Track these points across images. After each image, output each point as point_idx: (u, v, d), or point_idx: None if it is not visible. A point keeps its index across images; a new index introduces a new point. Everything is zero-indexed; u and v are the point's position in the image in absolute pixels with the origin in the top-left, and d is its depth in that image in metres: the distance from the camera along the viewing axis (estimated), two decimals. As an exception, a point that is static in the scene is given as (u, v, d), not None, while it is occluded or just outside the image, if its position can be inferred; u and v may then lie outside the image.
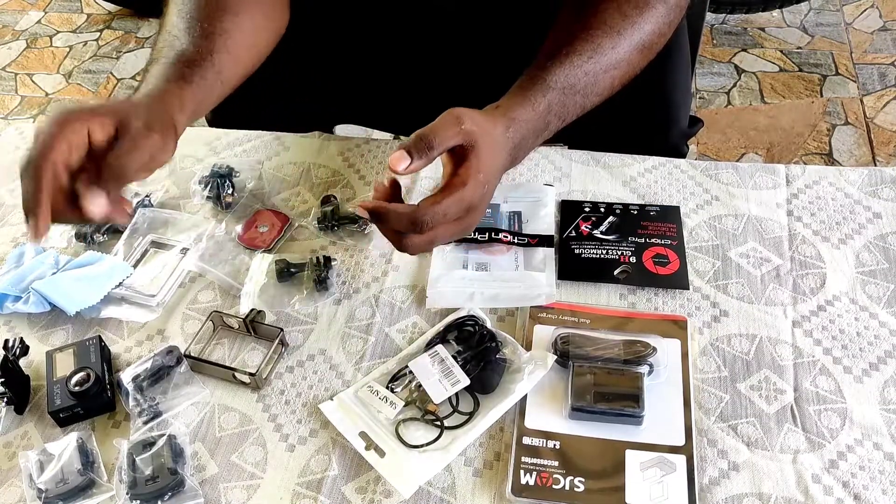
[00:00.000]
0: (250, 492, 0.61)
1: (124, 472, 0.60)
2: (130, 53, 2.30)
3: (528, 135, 0.65)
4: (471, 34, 0.87)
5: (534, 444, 0.61)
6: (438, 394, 0.63)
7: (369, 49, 0.93)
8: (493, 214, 0.78)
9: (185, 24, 0.71)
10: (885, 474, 0.59)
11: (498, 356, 0.65)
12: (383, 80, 0.97)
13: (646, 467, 0.59)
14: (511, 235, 0.76)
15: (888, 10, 2.21)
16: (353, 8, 0.88)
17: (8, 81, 2.26)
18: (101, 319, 0.73)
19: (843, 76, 2.01)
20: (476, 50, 0.88)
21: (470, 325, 0.68)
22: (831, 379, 0.64)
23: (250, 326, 0.70)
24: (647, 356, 0.64)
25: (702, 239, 0.76)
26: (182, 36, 0.70)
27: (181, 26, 0.71)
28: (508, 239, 0.75)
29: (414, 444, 0.61)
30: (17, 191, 0.87)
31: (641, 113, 0.92)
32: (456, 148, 0.60)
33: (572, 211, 0.79)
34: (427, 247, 0.62)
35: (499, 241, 0.75)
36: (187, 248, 0.78)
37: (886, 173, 0.80)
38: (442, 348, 0.66)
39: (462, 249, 0.75)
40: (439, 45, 0.89)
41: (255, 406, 0.66)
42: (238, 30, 0.72)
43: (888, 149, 1.82)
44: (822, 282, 0.71)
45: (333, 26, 0.92)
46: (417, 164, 0.58)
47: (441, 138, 0.58)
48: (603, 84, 0.68)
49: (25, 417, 0.67)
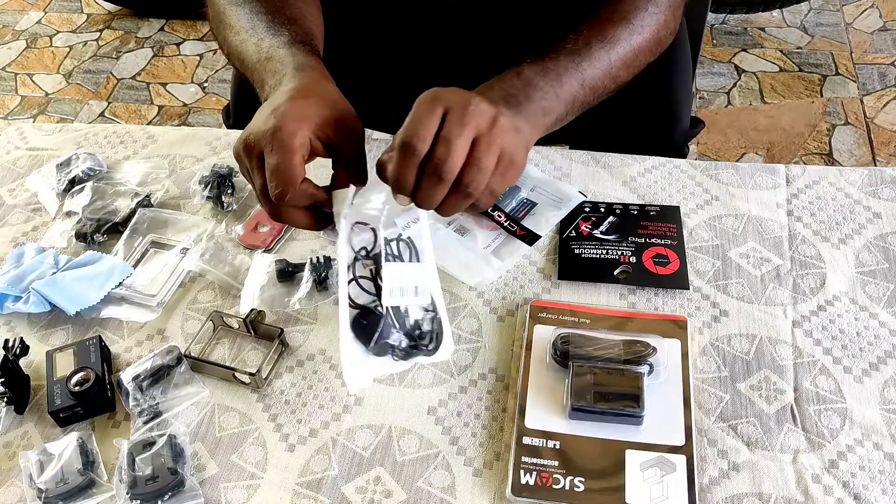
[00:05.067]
0: (250, 492, 0.61)
1: (124, 471, 0.60)
2: (130, 53, 2.30)
3: (533, 76, 0.64)
4: (475, 35, 0.87)
5: (534, 443, 0.61)
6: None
7: (374, 51, 0.93)
8: (509, 193, 0.80)
9: (267, 24, 0.69)
10: (885, 474, 0.59)
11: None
12: (387, 83, 0.96)
13: (646, 467, 0.59)
14: (504, 217, 0.77)
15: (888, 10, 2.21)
16: (356, 10, 0.88)
17: (8, 81, 2.26)
18: (101, 319, 0.73)
19: (843, 76, 2.01)
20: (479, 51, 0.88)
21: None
22: (831, 379, 0.64)
23: (250, 326, 0.70)
24: (647, 356, 0.64)
25: (702, 239, 0.76)
26: (280, 30, 0.68)
27: (262, 28, 0.69)
28: (500, 220, 0.77)
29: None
30: (17, 190, 0.88)
31: (643, 113, 0.92)
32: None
33: (573, 211, 0.79)
34: (461, 199, 0.57)
35: (491, 217, 0.78)
36: (187, 248, 0.78)
37: (886, 173, 0.81)
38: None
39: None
40: (443, 46, 0.89)
41: (255, 406, 0.66)
42: (310, 14, 0.72)
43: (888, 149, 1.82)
44: (822, 282, 0.71)
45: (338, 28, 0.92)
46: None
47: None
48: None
49: (25, 417, 0.67)
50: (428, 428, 0.64)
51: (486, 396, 0.65)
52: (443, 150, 0.55)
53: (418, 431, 0.63)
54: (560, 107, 0.66)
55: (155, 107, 2.13)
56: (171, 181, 0.86)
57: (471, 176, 0.57)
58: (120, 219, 0.81)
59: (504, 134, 0.58)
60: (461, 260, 0.74)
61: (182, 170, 0.87)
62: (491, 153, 0.57)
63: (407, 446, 0.63)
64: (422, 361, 0.61)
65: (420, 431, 0.63)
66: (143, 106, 2.14)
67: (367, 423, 0.64)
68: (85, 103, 2.17)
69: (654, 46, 0.73)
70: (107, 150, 0.91)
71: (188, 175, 0.86)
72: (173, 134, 0.92)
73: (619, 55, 0.69)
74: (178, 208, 0.83)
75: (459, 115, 0.56)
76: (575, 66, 0.66)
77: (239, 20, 0.71)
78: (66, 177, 0.85)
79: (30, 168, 0.89)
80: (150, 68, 2.25)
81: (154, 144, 0.91)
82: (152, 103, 2.14)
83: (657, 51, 0.74)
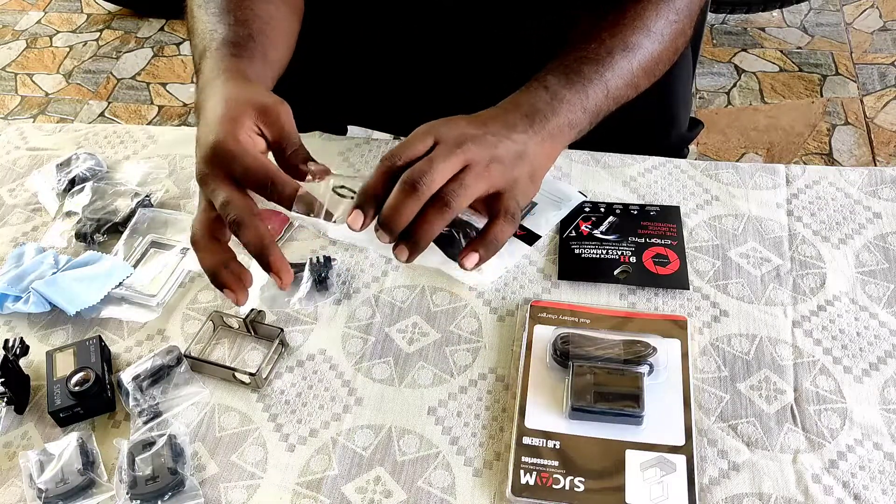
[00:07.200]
0: (250, 492, 0.61)
1: (124, 471, 0.60)
2: (130, 53, 2.31)
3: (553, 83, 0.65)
4: (474, 35, 0.87)
5: (534, 443, 0.61)
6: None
7: (372, 50, 0.93)
8: None
9: (217, 17, 0.70)
10: (885, 474, 0.59)
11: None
12: (386, 82, 0.97)
13: (646, 467, 0.59)
14: None
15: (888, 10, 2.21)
16: (356, 8, 0.88)
17: (8, 81, 2.26)
18: (101, 319, 0.73)
19: (843, 76, 2.01)
20: (479, 51, 0.88)
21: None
22: (831, 379, 0.65)
23: (250, 326, 0.70)
24: (647, 356, 0.64)
25: (702, 239, 0.76)
26: (218, 27, 0.69)
27: (213, 20, 0.70)
28: None
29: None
30: (17, 190, 0.88)
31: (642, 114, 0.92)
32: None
33: (573, 211, 0.79)
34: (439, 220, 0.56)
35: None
36: (187, 248, 0.78)
37: (886, 173, 0.81)
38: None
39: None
40: (443, 45, 0.89)
41: (255, 406, 0.66)
42: (268, 15, 0.71)
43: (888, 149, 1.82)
44: (822, 282, 0.71)
45: (336, 27, 0.92)
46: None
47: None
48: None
49: (25, 417, 0.67)
50: (428, 428, 0.64)
51: (486, 396, 0.65)
52: (424, 164, 0.56)
53: (418, 431, 0.63)
54: (585, 119, 0.66)
55: (155, 107, 2.13)
56: (171, 181, 0.86)
57: (452, 189, 0.56)
58: (120, 219, 0.81)
59: (500, 166, 0.59)
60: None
61: (182, 170, 0.87)
62: (480, 181, 0.58)
63: (407, 446, 0.63)
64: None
65: (420, 431, 0.63)
66: (143, 106, 2.14)
67: (367, 423, 0.64)
68: (85, 103, 2.17)
69: (672, 55, 0.73)
70: (107, 150, 0.91)
71: (188, 175, 0.86)
72: (173, 134, 0.92)
73: (641, 63, 0.69)
74: (178, 208, 0.83)
75: (450, 146, 0.57)
76: (599, 76, 0.66)
77: (196, 19, 0.72)
78: (66, 177, 0.85)
79: (30, 168, 0.89)
80: (150, 68, 2.25)
81: (154, 144, 0.91)
82: (152, 103, 2.14)
83: (674, 59, 0.74)
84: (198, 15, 0.72)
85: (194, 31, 0.71)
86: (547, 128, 0.63)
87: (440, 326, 0.70)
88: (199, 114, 0.62)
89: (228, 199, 0.56)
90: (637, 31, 0.69)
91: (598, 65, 0.67)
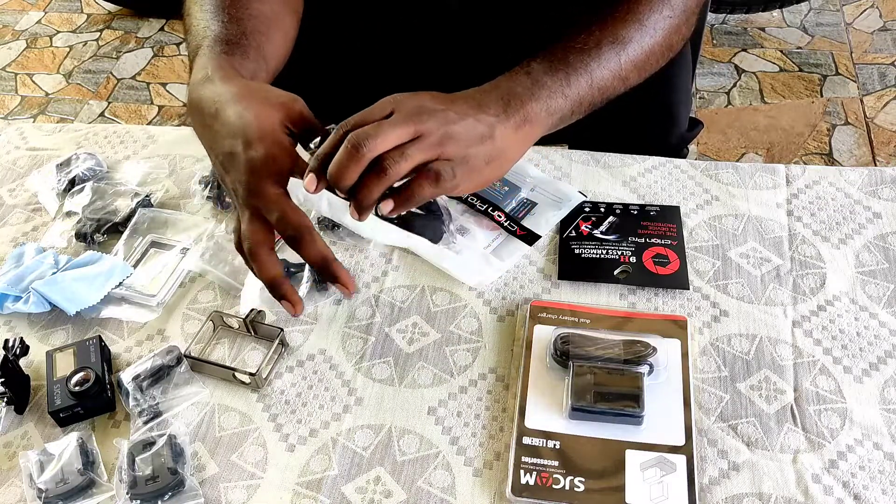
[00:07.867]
0: (250, 492, 0.61)
1: (124, 471, 0.60)
2: (130, 53, 2.30)
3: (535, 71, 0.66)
4: (476, 35, 0.87)
5: (534, 443, 0.61)
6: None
7: (372, 50, 0.93)
8: (509, 193, 0.80)
9: (211, 15, 0.70)
10: (885, 474, 0.59)
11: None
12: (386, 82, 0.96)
13: (646, 467, 0.59)
14: (504, 217, 0.77)
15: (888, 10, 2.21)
16: (356, 9, 0.88)
17: (8, 81, 2.26)
18: (101, 319, 0.73)
19: (843, 76, 2.01)
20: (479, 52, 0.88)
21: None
22: (831, 379, 0.65)
23: (250, 326, 0.70)
24: (647, 356, 0.64)
25: (702, 239, 0.76)
26: (211, 24, 0.69)
27: (208, 17, 0.70)
28: (500, 220, 0.77)
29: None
30: (17, 190, 0.88)
31: (642, 114, 0.92)
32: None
33: (572, 211, 0.79)
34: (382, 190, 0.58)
35: (491, 217, 0.77)
36: (187, 248, 0.78)
37: (886, 173, 0.81)
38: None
39: (458, 209, 0.79)
40: (442, 46, 0.89)
41: (255, 406, 0.66)
42: (264, 14, 0.71)
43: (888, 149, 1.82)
44: (822, 282, 0.71)
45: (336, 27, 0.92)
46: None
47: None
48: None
49: (25, 417, 0.67)
50: (428, 428, 0.64)
51: (486, 396, 0.65)
52: (371, 128, 0.57)
53: (418, 431, 0.63)
54: (566, 106, 0.66)
55: (155, 107, 2.13)
56: (171, 181, 0.86)
57: (392, 156, 0.57)
58: (120, 219, 0.81)
59: (453, 142, 0.59)
60: (461, 260, 0.74)
61: (182, 170, 0.87)
62: (424, 153, 0.58)
63: (407, 446, 0.63)
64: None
65: (420, 431, 0.63)
66: (143, 106, 2.14)
67: (367, 423, 0.64)
68: (85, 103, 2.17)
69: (665, 51, 0.73)
70: (107, 150, 0.91)
71: (188, 175, 0.86)
72: (173, 134, 0.92)
73: (630, 56, 0.69)
74: (178, 208, 0.83)
75: (403, 115, 0.58)
76: (584, 65, 0.66)
77: (192, 15, 0.73)
78: (66, 177, 0.85)
79: (30, 168, 0.89)
80: (150, 68, 2.25)
81: (154, 144, 0.91)
82: (152, 103, 2.14)
83: (668, 55, 0.73)
84: (193, 13, 0.72)
85: (189, 30, 0.72)
86: (521, 112, 0.63)
87: (440, 326, 0.70)
88: (213, 118, 0.63)
89: (285, 215, 0.59)
90: (629, 25, 0.69)
91: (585, 55, 0.67)
